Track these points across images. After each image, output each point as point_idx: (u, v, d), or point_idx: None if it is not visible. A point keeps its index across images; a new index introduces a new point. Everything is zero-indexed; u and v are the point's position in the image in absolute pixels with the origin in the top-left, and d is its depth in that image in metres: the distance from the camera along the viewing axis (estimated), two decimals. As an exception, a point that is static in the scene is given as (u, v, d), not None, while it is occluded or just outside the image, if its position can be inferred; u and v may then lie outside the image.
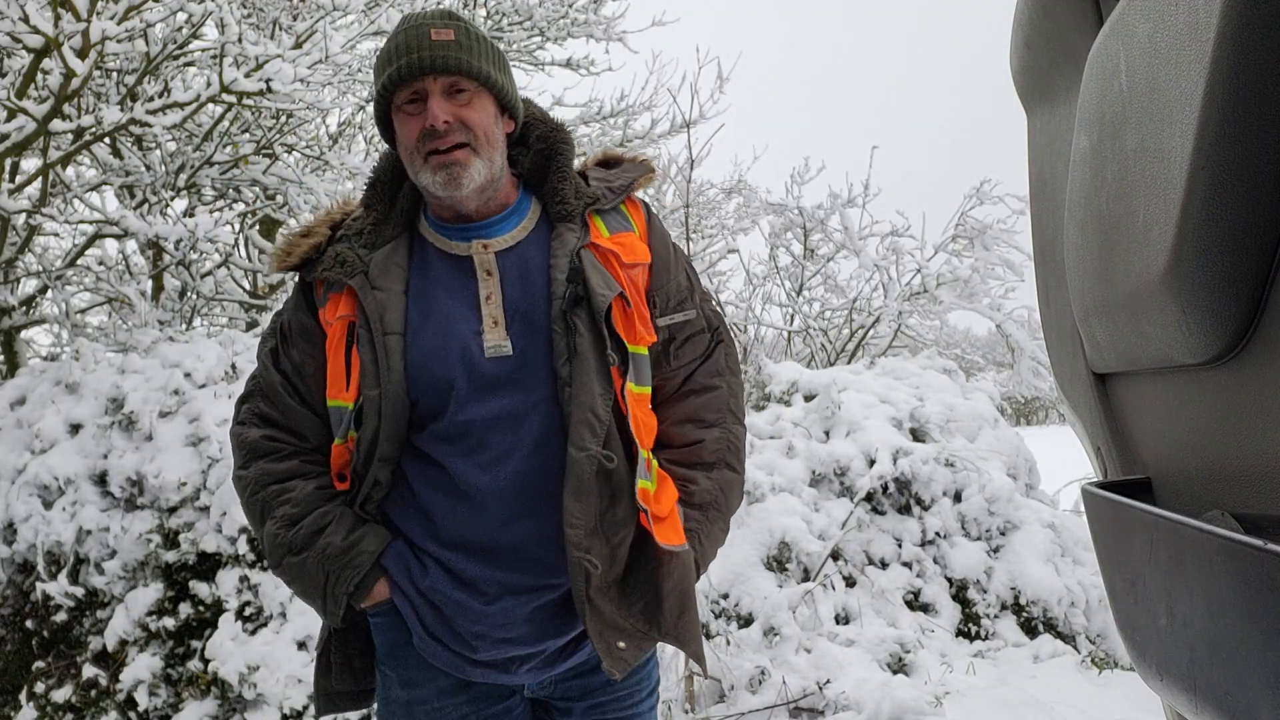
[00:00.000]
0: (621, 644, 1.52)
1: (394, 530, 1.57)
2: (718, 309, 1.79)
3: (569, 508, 1.47)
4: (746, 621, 4.18)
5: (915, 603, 4.45)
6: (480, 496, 1.50)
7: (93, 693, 3.71)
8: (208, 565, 3.81)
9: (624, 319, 1.54)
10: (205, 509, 3.86)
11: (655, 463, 1.61)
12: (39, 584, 3.84)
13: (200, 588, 3.74)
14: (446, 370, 1.51)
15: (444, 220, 1.59)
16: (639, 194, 1.72)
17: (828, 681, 3.57)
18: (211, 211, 5.87)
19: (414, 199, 1.62)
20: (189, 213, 5.76)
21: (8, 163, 4.86)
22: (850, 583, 4.49)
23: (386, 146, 1.64)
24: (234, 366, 4.35)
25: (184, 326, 5.97)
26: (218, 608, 3.71)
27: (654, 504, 1.55)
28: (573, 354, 1.50)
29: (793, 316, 8.83)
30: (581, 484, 1.48)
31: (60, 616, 3.86)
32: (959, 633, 4.38)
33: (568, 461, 1.48)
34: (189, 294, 6.01)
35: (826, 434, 5.06)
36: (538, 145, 1.65)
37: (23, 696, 3.79)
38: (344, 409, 1.53)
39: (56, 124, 4.28)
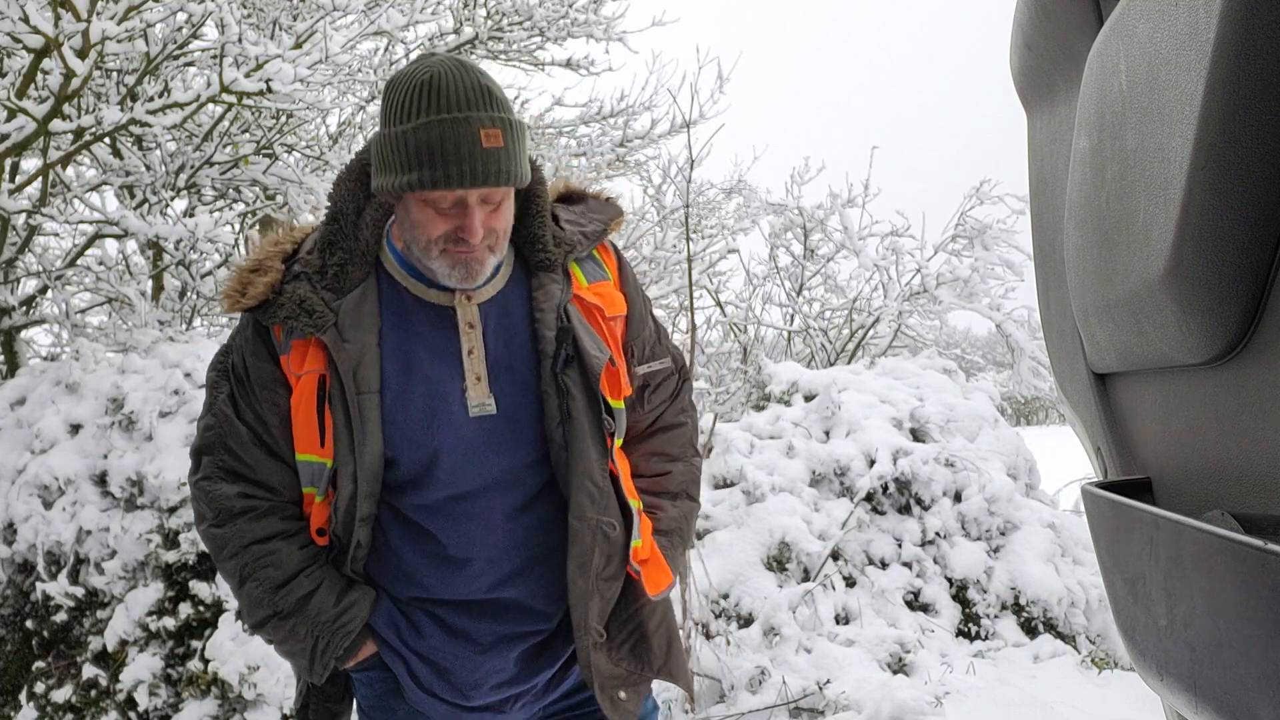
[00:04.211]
0: (622, 694, 1.55)
1: (377, 588, 1.53)
2: (676, 344, 1.80)
3: (573, 578, 1.48)
4: (746, 621, 4.18)
5: (915, 603, 4.46)
6: (471, 562, 1.48)
7: (93, 693, 3.71)
8: (208, 565, 3.81)
9: (609, 379, 1.52)
10: (205, 509, 3.86)
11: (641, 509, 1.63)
12: (39, 584, 3.84)
13: (200, 588, 3.74)
14: (432, 436, 1.45)
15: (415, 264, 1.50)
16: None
17: (828, 681, 3.58)
18: (211, 211, 5.87)
19: (377, 231, 1.49)
20: (189, 213, 5.76)
21: (8, 163, 4.86)
22: (850, 583, 4.49)
23: (355, 169, 1.49)
24: (234, 366, 4.35)
25: (184, 326, 5.97)
26: (218, 608, 3.71)
27: (642, 555, 1.59)
28: (566, 417, 1.47)
29: (793, 316, 8.83)
30: (584, 554, 1.48)
31: (60, 616, 3.86)
32: (959, 633, 4.39)
33: (570, 532, 1.47)
34: (189, 294, 6.01)
35: (826, 434, 5.06)
36: None
37: (23, 696, 3.80)
38: (322, 465, 1.46)
39: (56, 124, 4.28)
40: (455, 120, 1.33)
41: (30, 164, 5.51)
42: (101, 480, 3.96)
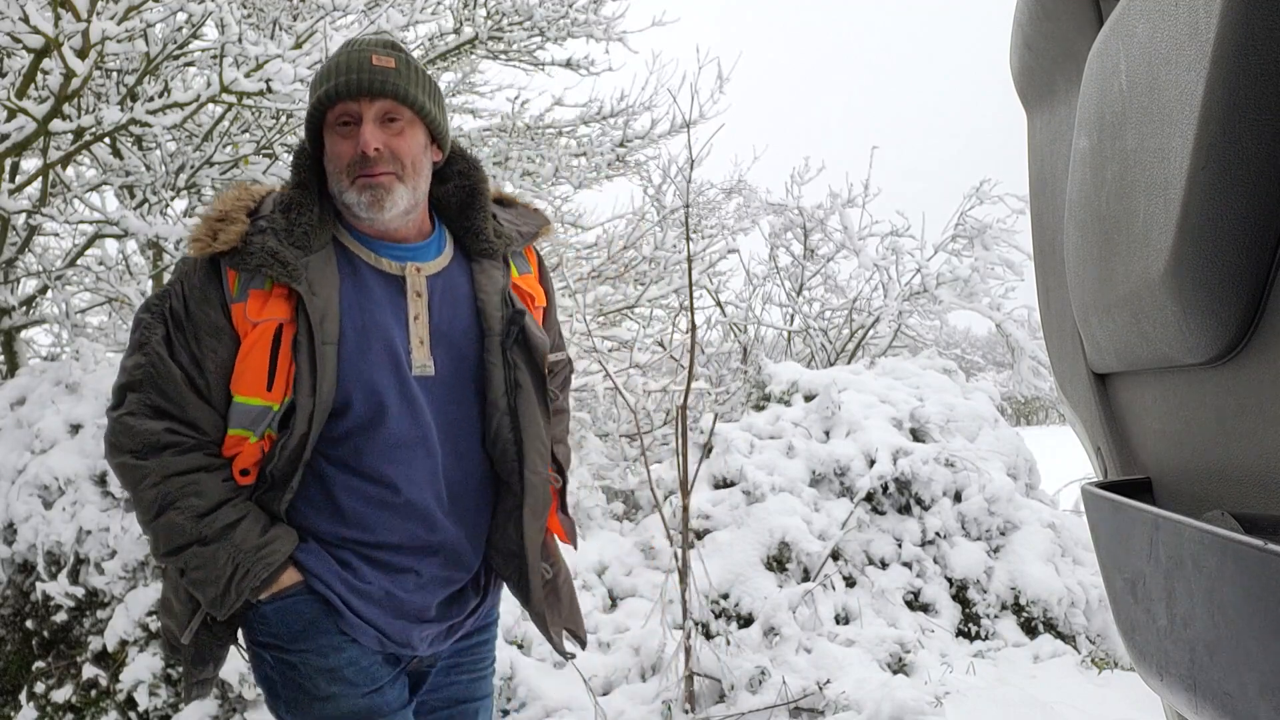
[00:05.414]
0: (552, 634, 1.77)
1: (309, 532, 1.61)
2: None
3: (528, 524, 1.66)
4: (746, 621, 4.18)
5: (915, 603, 4.45)
6: (408, 506, 1.61)
7: (93, 693, 3.71)
8: (208, 565, 3.81)
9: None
10: (205, 509, 3.86)
11: None
12: (39, 584, 3.84)
13: (200, 588, 3.74)
14: (382, 385, 1.58)
15: (368, 235, 1.64)
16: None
17: (828, 681, 3.58)
18: (211, 211, 5.85)
19: (335, 208, 1.65)
20: (189, 213, 5.75)
21: (8, 163, 4.86)
22: (850, 583, 4.49)
23: (303, 145, 1.66)
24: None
25: (184, 326, 5.95)
26: (218, 608, 3.71)
27: (554, 517, 1.82)
28: (515, 386, 1.66)
29: (793, 316, 8.83)
30: (537, 503, 1.67)
31: (60, 616, 3.86)
32: (959, 633, 4.38)
33: (526, 485, 1.65)
34: (189, 294, 5.99)
35: (826, 434, 5.06)
36: (460, 181, 1.74)
37: (23, 696, 3.80)
38: (266, 409, 1.55)
39: (56, 124, 4.27)
40: (350, 50, 1.59)
41: (30, 164, 5.51)
42: (101, 480, 3.96)
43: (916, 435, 5.05)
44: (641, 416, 5.41)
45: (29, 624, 3.92)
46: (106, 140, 5.36)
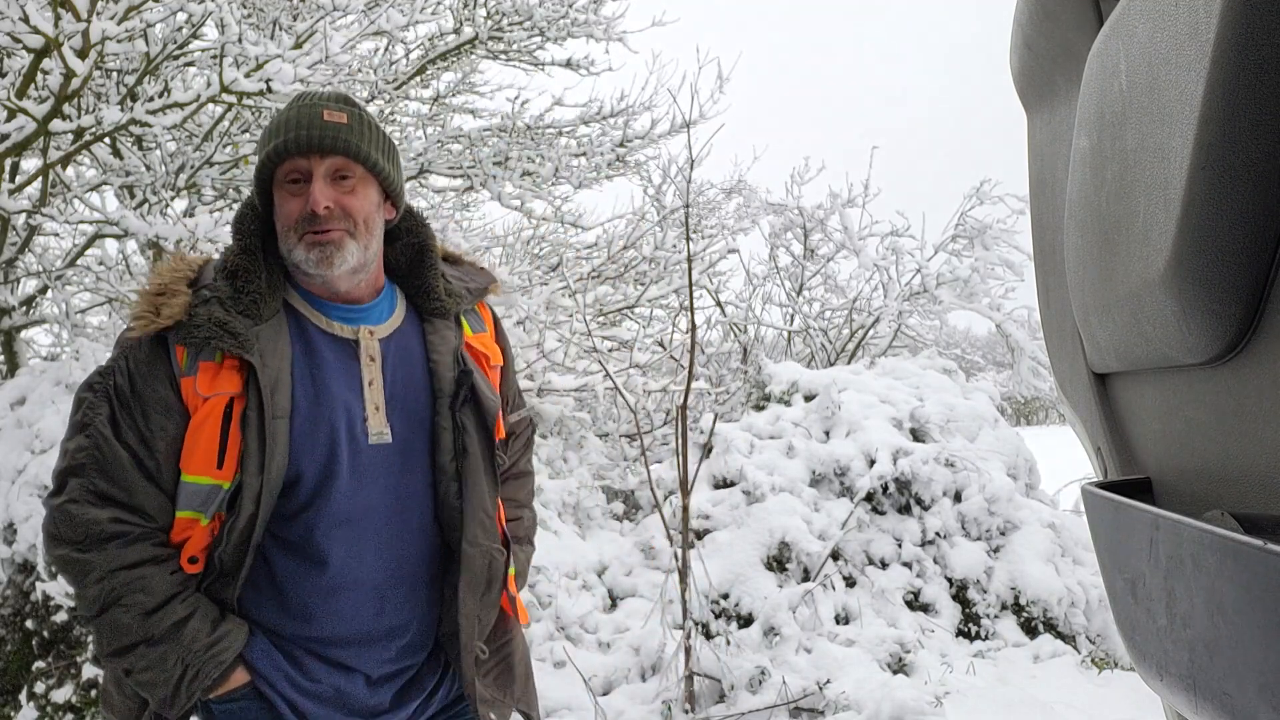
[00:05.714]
0: (493, 716, 1.67)
1: (254, 622, 1.53)
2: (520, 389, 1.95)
3: (464, 600, 1.58)
4: (746, 621, 4.18)
5: (915, 603, 4.46)
6: (359, 586, 1.54)
7: (93, 693, 3.71)
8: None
9: (498, 422, 1.68)
10: (205, 509, 3.86)
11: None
12: (39, 584, 3.84)
13: (200, 588, 3.74)
14: (334, 456, 1.51)
15: (319, 296, 1.58)
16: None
17: (828, 681, 3.58)
18: (211, 211, 5.86)
19: (284, 269, 1.59)
20: (189, 213, 5.76)
21: (8, 163, 4.86)
22: (850, 583, 4.49)
23: (250, 203, 1.59)
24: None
25: (184, 326, 5.94)
26: (218, 608, 3.71)
27: (513, 586, 1.74)
28: (462, 452, 1.59)
29: (793, 316, 8.83)
30: (475, 578, 1.60)
31: (60, 616, 3.86)
32: (959, 633, 4.39)
33: (462, 557, 1.58)
34: (189, 294, 5.99)
35: (826, 434, 5.06)
36: (409, 239, 1.69)
37: (23, 696, 3.80)
38: (217, 488, 1.46)
39: (56, 124, 4.28)
40: (302, 105, 1.53)
41: (30, 164, 5.51)
42: (101, 480, 3.96)
43: (916, 435, 5.05)
44: (641, 416, 5.41)
45: (29, 624, 3.92)
46: (106, 140, 5.36)
